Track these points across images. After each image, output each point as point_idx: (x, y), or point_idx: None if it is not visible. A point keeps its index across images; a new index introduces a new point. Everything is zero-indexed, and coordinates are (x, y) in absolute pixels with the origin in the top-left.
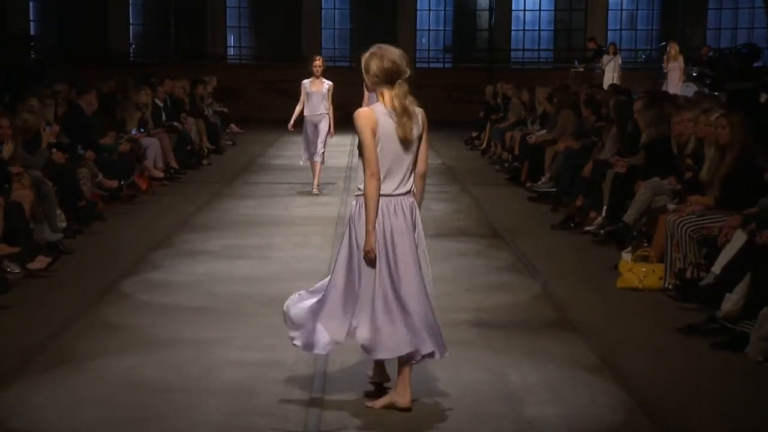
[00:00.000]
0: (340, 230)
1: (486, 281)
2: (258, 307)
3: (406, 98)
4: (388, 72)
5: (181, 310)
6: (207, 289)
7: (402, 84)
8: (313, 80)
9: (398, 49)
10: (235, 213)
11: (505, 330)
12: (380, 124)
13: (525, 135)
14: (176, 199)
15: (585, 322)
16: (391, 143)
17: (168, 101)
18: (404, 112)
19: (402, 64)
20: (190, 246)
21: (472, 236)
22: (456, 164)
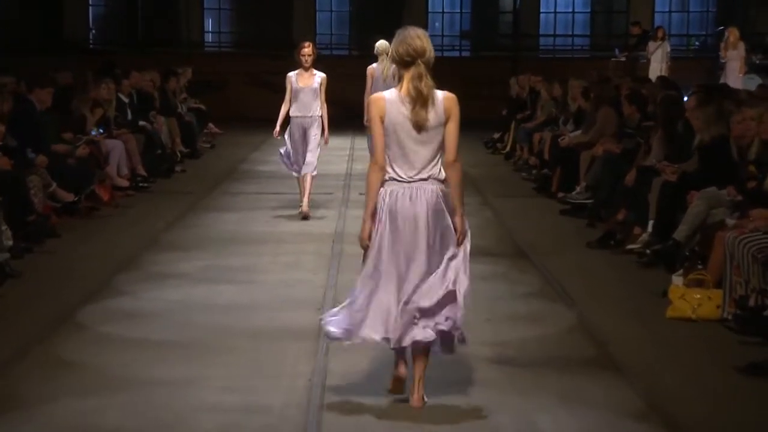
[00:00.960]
0: (337, 249)
1: (510, 310)
2: (241, 340)
3: (421, 81)
4: (403, 54)
5: (149, 345)
6: (180, 320)
7: (418, 66)
8: (301, 73)
9: (421, 29)
10: (214, 229)
11: (533, 368)
12: (388, 112)
13: (556, 136)
14: (144, 212)
15: (629, 359)
16: (402, 130)
17: (134, 96)
18: (418, 97)
19: (420, 45)
20: (160, 268)
21: (493, 256)
22: (474, 171)
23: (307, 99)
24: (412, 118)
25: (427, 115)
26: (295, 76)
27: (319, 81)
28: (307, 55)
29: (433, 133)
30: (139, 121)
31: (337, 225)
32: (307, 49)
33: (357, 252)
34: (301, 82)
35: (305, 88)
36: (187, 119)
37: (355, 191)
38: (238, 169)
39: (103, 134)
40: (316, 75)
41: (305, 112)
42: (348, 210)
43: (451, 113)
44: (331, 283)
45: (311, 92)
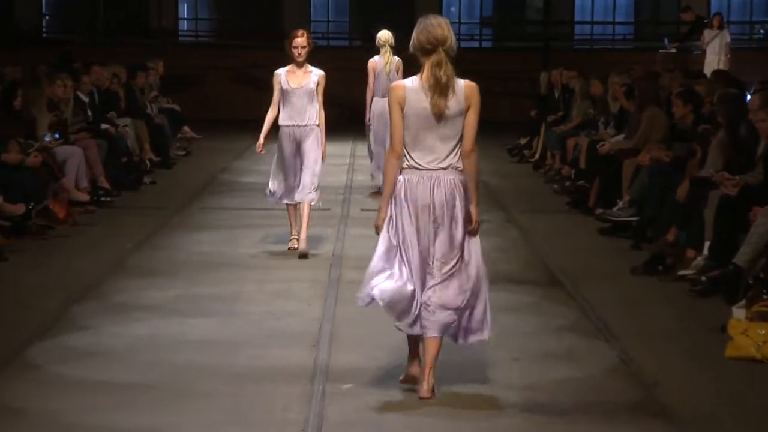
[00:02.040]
0: (335, 275)
1: (541, 347)
2: (219, 383)
3: (441, 69)
4: (424, 42)
5: (111, 388)
6: (148, 359)
7: (438, 53)
8: (293, 70)
9: (443, 18)
10: (189, 251)
11: (569, 417)
12: (408, 100)
13: (594, 142)
14: (106, 231)
15: (681, 405)
16: (422, 118)
17: (96, 95)
18: (437, 85)
19: (441, 33)
20: (124, 298)
21: (520, 284)
22: (498, 183)
23: (300, 103)
24: (433, 106)
25: (447, 103)
26: (284, 74)
27: (316, 80)
28: (300, 46)
29: (453, 122)
30: (101, 124)
31: (335, 246)
32: (300, 39)
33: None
34: (293, 82)
35: (298, 89)
36: (158, 122)
37: (357, 207)
38: (217, 181)
39: (58, 140)
40: (312, 72)
41: (298, 119)
42: (348, 228)
43: (471, 101)
44: (327, 315)
45: (306, 94)
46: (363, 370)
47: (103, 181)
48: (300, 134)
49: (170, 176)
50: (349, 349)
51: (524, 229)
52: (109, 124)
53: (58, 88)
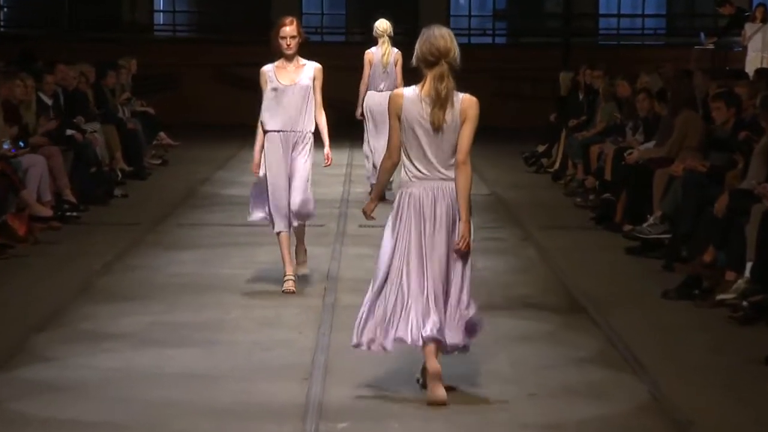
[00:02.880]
0: (330, 300)
1: (562, 381)
2: (200, 421)
3: (442, 83)
4: (426, 54)
5: (77, 427)
6: (119, 394)
7: (441, 66)
8: (283, 65)
9: (446, 29)
10: (166, 272)
11: None
12: (405, 109)
13: (621, 150)
14: (72, 250)
15: None
16: (419, 129)
17: (61, 97)
18: (437, 99)
19: (444, 45)
20: (93, 325)
21: (539, 310)
22: (513, 195)
23: (292, 103)
24: (431, 118)
25: (444, 117)
26: (272, 71)
27: (311, 74)
28: (290, 36)
29: (449, 134)
30: (66, 130)
31: (330, 267)
32: (289, 27)
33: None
34: (284, 78)
35: (290, 86)
36: (131, 127)
37: (354, 222)
38: (198, 193)
39: (21, 148)
40: (306, 66)
41: (291, 123)
42: (344, 247)
43: (467, 115)
44: (321, 344)
45: (299, 93)
46: (360, 406)
47: (68, 193)
48: (291, 141)
49: (144, 188)
50: (345, 383)
51: (542, 247)
52: (76, 129)
53: (17, 89)
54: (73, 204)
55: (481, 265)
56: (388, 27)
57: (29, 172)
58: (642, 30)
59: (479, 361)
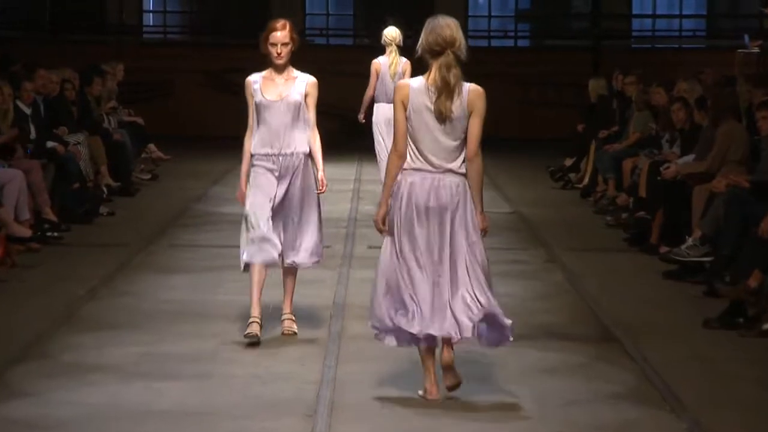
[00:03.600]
0: (336, 328)
1: (593, 418)
2: None
3: (449, 71)
4: (432, 44)
5: None
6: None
7: (447, 55)
8: (271, 75)
9: (451, 18)
10: (155, 298)
11: None
12: (411, 99)
13: (657, 164)
14: (54, 274)
15: None
16: (425, 119)
17: (41, 105)
18: (444, 87)
19: (450, 34)
20: (76, 357)
21: (567, 340)
22: (538, 213)
23: (280, 121)
24: (437, 108)
25: (452, 106)
26: (259, 83)
27: (303, 89)
28: (281, 43)
29: (456, 125)
30: (47, 142)
31: (337, 293)
32: (281, 32)
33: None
34: (270, 92)
35: (277, 102)
36: (118, 138)
37: (363, 243)
38: (191, 211)
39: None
40: (298, 79)
41: (277, 144)
42: (352, 271)
43: (475, 106)
44: (326, 377)
45: (288, 110)
46: None
47: (49, 212)
48: (283, 167)
49: (133, 206)
50: (353, 420)
51: (571, 271)
52: (57, 141)
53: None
54: (54, 223)
55: (502, 290)
56: (397, 36)
57: (6, 189)
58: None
59: (501, 397)
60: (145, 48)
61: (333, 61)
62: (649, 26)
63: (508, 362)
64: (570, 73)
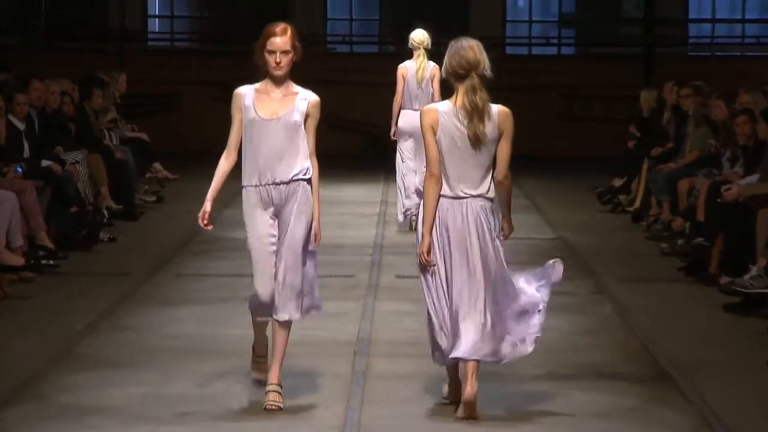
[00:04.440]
0: (361, 366)
1: None
2: None
3: (476, 94)
4: (456, 67)
5: None
6: None
7: (472, 78)
8: (266, 89)
9: (474, 40)
10: (161, 334)
11: None
12: (441, 124)
13: (717, 185)
14: (48, 307)
15: None
16: (455, 143)
17: (35, 120)
18: (473, 111)
19: (473, 57)
20: (73, 398)
21: (616, 380)
22: (584, 240)
23: (274, 146)
24: (470, 131)
25: (485, 129)
26: (251, 96)
27: (304, 109)
28: (280, 51)
29: (487, 148)
30: (42, 160)
31: (362, 327)
32: (281, 38)
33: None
34: (264, 109)
35: (272, 121)
36: (120, 156)
37: (390, 273)
38: (200, 237)
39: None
40: (299, 96)
41: (270, 172)
42: (378, 303)
43: (504, 129)
44: (351, 421)
45: (283, 130)
46: None
47: (44, 237)
48: (279, 198)
49: (136, 231)
50: None
51: (621, 304)
52: (54, 159)
53: None
54: (49, 250)
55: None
56: (425, 38)
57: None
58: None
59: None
60: (149, 56)
61: (356, 71)
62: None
63: (553, 405)
64: (619, 84)
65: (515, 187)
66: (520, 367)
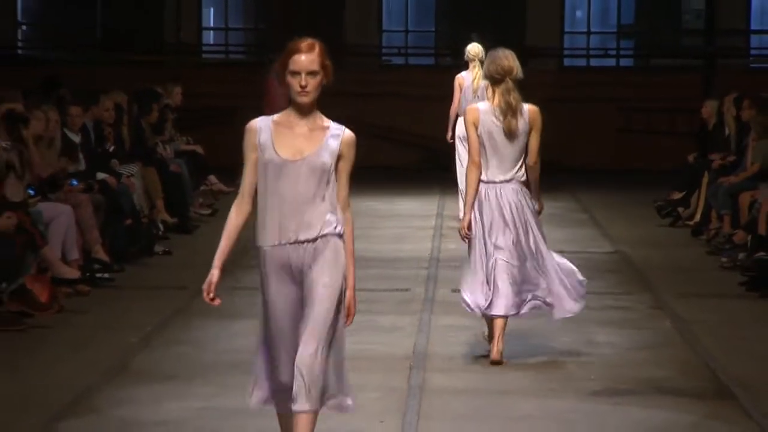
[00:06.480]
0: (417, 380)
1: None
2: None
3: (510, 95)
4: (493, 73)
5: None
6: None
7: (507, 82)
8: (288, 121)
9: (509, 50)
10: (216, 348)
11: None
12: (482, 122)
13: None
14: (103, 320)
15: None
16: (494, 137)
17: (91, 133)
18: (507, 109)
19: (508, 65)
20: (128, 412)
21: (676, 396)
22: (644, 254)
23: (298, 193)
24: (505, 126)
25: (517, 124)
26: (269, 130)
27: (336, 148)
28: (306, 72)
29: (520, 140)
30: (97, 173)
31: (417, 341)
32: (306, 56)
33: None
34: (283, 147)
35: (296, 163)
36: (174, 169)
37: (446, 287)
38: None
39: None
40: (330, 131)
41: (296, 229)
42: (434, 317)
43: (534, 123)
44: None
45: (313, 175)
46: None
47: (99, 250)
48: (301, 259)
49: (191, 244)
50: None
51: (681, 319)
52: (109, 172)
53: (38, 123)
54: (105, 263)
55: (603, 339)
56: (480, 51)
57: (52, 225)
58: None
59: None
60: (204, 69)
61: (412, 83)
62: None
63: (609, 421)
64: (679, 96)
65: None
66: (577, 382)
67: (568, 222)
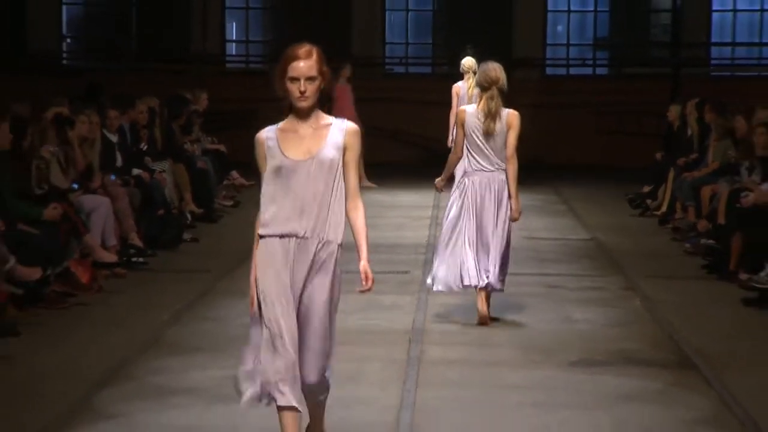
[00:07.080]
0: (416, 352)
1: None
2: None
3: (492, 101)
4: (482, 82)
5: None
6: None
7: (492, 90)
8: (292, 126)
9: (498, 63)
10: (239, 323)
11: None
12: (467, 121)
13: (737, 191)
14: (139, 299)
15: None
16: (476, 134)
17: (127, 134)
18: (488, 113)
19: (494, 75)
20: (161, 380)
21: (645, 366)
22: (616, 240)
23: (310, 191)
24: (484, 127)
25: (495, 126)
26: (275, 137)
27: (340, 141)
28: (305, 77)
29: (498, 138)
30: (132, 169)
31: (416, 318)
32: (305, 62)
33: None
34: (291, 149)
35: (302, 162)
36: (201, 166)
37: None
38: None
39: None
40: (332, 128)
41: (303, 223)
42: (431, 296)
43: (511, 125)
44: (406, 402)
45: (322, 171)
46: None
47: (134, 237)
48: (306, 255)
49: (216, 232)
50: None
51: (649, 298)
52: (143, 168)
53: (82, 126)
54: (139, 249)
55: (580, 316)
56: (473, 64)
57: (93, 215)
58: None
59: (579, 423)
60: (228, 77)
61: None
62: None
63: (585, 388)
64: (648, 101)
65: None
66: (558, 355)
67: (549, 212)
